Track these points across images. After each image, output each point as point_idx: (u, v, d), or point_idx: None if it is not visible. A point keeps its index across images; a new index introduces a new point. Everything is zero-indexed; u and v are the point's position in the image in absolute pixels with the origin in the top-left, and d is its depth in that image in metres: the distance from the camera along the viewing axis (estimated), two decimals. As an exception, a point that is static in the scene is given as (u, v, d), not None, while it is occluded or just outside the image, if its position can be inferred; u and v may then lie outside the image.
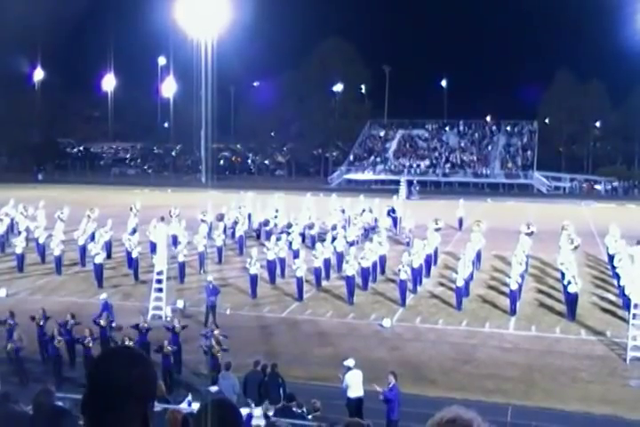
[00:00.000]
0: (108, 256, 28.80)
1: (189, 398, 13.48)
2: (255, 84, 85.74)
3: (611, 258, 27.61)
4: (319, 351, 18.73)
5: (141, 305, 22.22)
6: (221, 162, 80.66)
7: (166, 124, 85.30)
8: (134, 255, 26.64)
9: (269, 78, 75.89)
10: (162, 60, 79.97)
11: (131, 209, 35.20)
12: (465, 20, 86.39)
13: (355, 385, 14.28)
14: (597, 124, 77.52)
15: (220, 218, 34.06)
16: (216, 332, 16.98)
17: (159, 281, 22.25)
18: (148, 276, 25.18)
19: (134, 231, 31.08)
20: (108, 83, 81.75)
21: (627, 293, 21.24)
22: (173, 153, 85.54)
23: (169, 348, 16.28)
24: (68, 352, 17.18)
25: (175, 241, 28.82)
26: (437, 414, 2.06)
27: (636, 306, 18.73)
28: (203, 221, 33.22)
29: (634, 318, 18.59)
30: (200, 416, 2.53)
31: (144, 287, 24.39)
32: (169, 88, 78.61)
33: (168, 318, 20.87)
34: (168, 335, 17.09)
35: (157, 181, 69.63)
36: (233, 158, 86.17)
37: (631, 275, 20.91)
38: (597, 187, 67.33)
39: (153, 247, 26.98)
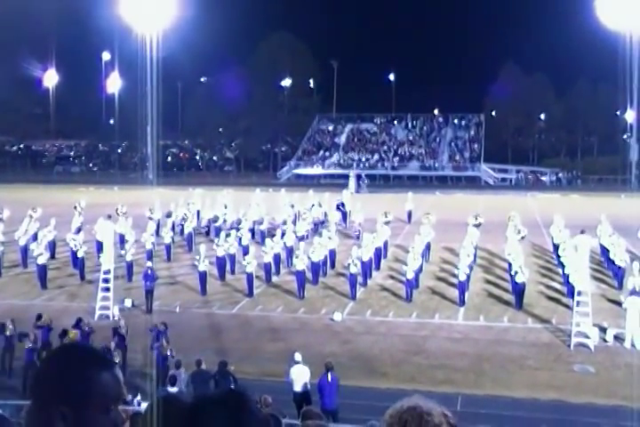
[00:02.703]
0: (52, 256, 28.09)
1: (139, 398, 13.22)
2: (202, 79, 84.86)
3: (556, 247, 28.21)
4: (270, 347, 18.62)
5: (88, 305, 21.78)
6: (169, 158, 79.65)
7: (111, 121, 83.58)
8: (80, 255, 26.03)
9: (217, 73, 75.19)
10: (106, 56, 78.38)
11: (75, 208, 34.39)
12: (412, 14, 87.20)
13: (298, 380, 14.21)
14: (542, 116, 79.21)
15: (169, 215, 33.62)
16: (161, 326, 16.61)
17: (106, 280, 21.81)
18: (94, 275, 24.66)
19: (79, 230, 30.40)
20: (50, 78, 79.63)
21: (571, 281, 21.72)
22: (119, 150, 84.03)
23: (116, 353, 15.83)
24: (5, 358, 16.60)
25: (122, 239, 28.34)
26: (398, 403, 1.99)
27: (579, 293, 19.20)
28: (150, 218, 32.75)
29: (577, 306, 19.04)
30: (149, 413, 2.31)
31: (91, 287, 23.85)
32: (113, 84, 77.03)
33: (116, 318, 20.48)
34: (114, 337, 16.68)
35: (103, 178, 68.28)
36: (180, 155, 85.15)
37: (575, 264, 21.39)
38: (543, 178, 68.84)
39: (99, 246, 26.40)
